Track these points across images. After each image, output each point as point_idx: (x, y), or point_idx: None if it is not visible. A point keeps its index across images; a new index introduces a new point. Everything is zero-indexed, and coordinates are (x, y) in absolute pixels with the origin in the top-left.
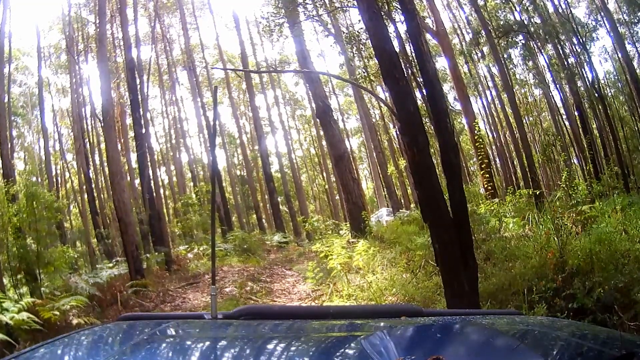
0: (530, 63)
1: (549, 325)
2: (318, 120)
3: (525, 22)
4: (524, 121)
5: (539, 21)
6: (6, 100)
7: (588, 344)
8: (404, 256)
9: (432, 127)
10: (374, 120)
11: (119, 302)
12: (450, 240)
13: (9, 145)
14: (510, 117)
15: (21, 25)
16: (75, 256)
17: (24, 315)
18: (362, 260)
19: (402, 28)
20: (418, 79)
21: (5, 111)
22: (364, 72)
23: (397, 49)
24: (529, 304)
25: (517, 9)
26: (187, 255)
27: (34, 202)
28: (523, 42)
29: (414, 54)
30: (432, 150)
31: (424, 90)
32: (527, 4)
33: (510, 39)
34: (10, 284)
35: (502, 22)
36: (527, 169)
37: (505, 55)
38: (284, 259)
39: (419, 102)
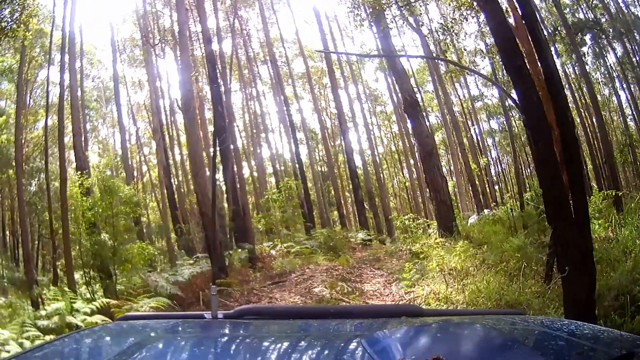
0: (600, 61)
1: (549, 325)
2: (405, 115)
3: (595, 20)
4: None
5: (607, 19)
6: (79, 93)
7: (588, 344)
8: (498, 258)
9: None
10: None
11: (201, 302)
12: (573, 243)
13: (83, 138)
14: (585, 116)
15: (93, 20)
16: (155, 253)
17: (98, 317)
18: (459, 262)
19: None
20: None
21: (78, 104)
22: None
23: None
24: (632, 315)
25: (584, 6)
26: (270, 252)
27: (110, 196)
28: (592, 40)
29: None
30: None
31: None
32: (596, 2)
33: (581, 37)
34: (82, 280)
35: (574, 20)
36: (600, 169)
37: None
38: (371, 257)
39: None
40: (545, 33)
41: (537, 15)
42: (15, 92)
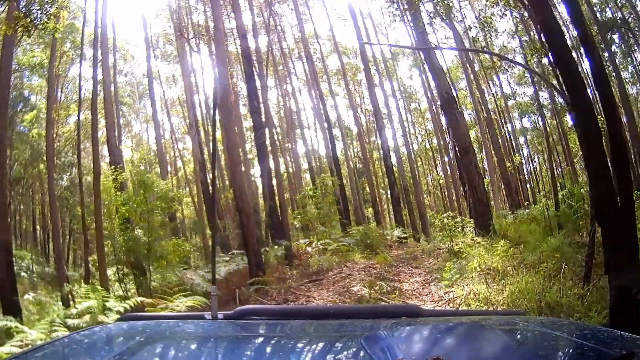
0: (628, 60)
1: (549, 325)
2: (442, 111)
3: (623, 19)
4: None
5: (634, 18)
6: (112, 88)
7: (588, 344)
8: (536, 258)
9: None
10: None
11: (237, 300)
12: (624, 244)
13: (116, 133)
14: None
15: (126, 16)
16: (191, 250)
17: None
18: (499, 262)
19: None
20: None
21: (111, 99)
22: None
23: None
24: None
25: (612, 4)
26: (306, 249)
27: (145, 191)
28: (620, 39)
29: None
30: None
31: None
32: (623, 1)
33: (610, 36)
34: (115, 277)
35: (604, 19)
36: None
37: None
38: (408, 255)
39: None
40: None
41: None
42: (46, 87)
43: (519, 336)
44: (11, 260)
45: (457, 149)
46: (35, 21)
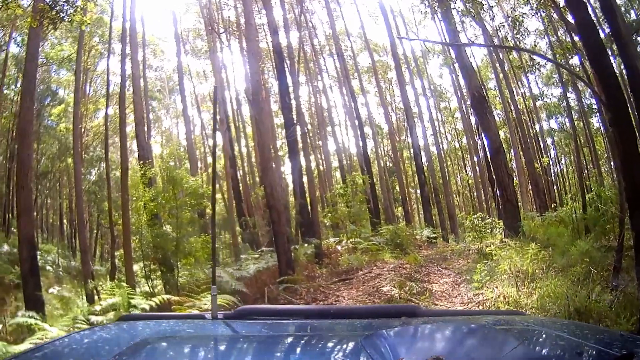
0: None
1: (549, 325)
2: (473, 111)
3: None
4: None
5: None
6: (142, 83)
7: (588, 344)
8: (565, 261)
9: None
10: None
11: (266, 298)
12: None
13: (145, 128)
14: None
15: (155, 11)
16: (220, 247)
17: None
18: (530, 265)
19: None
20: None
21: (140, 93)
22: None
23: None
24: None
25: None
26: (336, 247)
27: (174, 187)
28: None
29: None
30: None
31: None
32: None
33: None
34: (141, 273)
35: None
36: None
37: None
38: (437, 256)
39: None
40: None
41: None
42: (74, 81)
43: (519, 336)
44: (35, 255)
45: (487, 148)
46: (61, 13)
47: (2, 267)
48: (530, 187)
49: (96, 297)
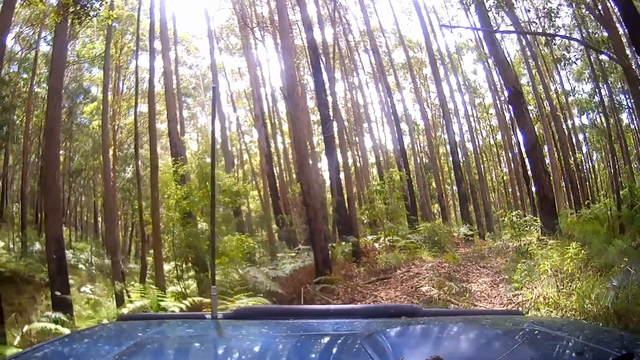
0: None
1: (549, 325)
2: (510, 106)
3: None
4: None
5: None
6: (174, 80)
7: (588, 343)
8: (602, 261)
9: None
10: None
11: (302, 299)
12: None
13: (177, 124)
14: None
15: (189, 9)
16: (255, 246)
17: None
18: (570, 264)
19: None
20: None
21: (172, 90)
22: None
23: None
24: None
25: None
26: (373, 245)
27: (208, 184)
28: None
29: None
30: None
31: None
32: None
33: None
34: (174, 273)
35: None
36: None
37: None
38: (475, 254)
39: None
40: None
41: None
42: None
43: (518, 336)
44: (63, 255)
45: (523, 144)
46: (85, 8)
47: (34, 265)
48: (563, 183)
49: (126, 298)
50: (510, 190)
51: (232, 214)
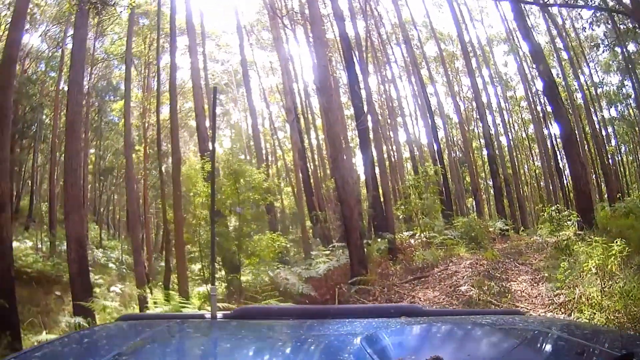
0: None
1: (549, 325)
2: (545, 98)
3: None
4: None
5: None
6: (203, 75)
7: (588, 343)
8: None
9: None
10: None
11: (336, 301)
12: None
13: (206, 119)
14: None
15: (218, 4)
16: (287, 245)
17: None
18: (614, 263)
19: None
20: None
21: (201, 85)
22: None
23: None
24: None
25: None
26: (409, 241)
27: (236, 181)
28: None
29: None
30: None
31: None
32: None
33: None
34: (201, 276)
35: None
36: None
37: None
38: (512, 250)
39: None
40: None
41: None
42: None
43: (518, 336)
44: (84, 255)
45: (560, 137)
46: None
47: (61, 265)
48: (593, 176)
49: (150, 300)
50: (542, 184)
51: (264, 210)
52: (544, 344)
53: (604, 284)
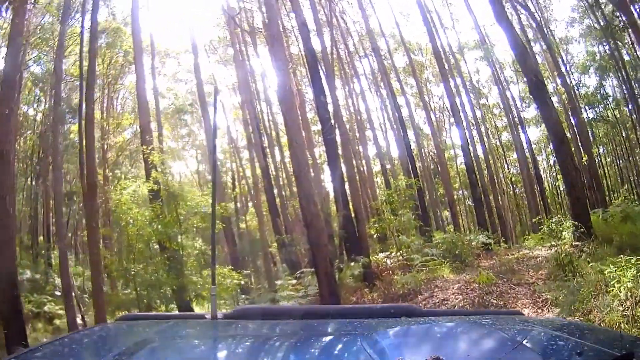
0: None
1: (549, 325)
2: (532, 97)
3: None
4: None
5: None
6: (151, 94)
7: (588, 344)
8: None
9: None
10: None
11: None
12: None
13: (152, 137)
14: None
15: (172, 23)
16: (241, 282)
17: None
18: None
19: None
20: None
21: (146, 105)
22: None
23: None
24: None
25: None
26: (385, 262)
27: (176, 207)
28: None
29: None
30: None
31: None
32: None
33: None
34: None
35: None
36: None
37: None
38: (502, 267)
39: None
40: None
41: None
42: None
43: (518, 336)
44: (17, 295)
45: (550, 140)
46: None
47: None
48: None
49: None
50: (517, 191)
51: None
52: (544, 344)
53: (630, 309)
